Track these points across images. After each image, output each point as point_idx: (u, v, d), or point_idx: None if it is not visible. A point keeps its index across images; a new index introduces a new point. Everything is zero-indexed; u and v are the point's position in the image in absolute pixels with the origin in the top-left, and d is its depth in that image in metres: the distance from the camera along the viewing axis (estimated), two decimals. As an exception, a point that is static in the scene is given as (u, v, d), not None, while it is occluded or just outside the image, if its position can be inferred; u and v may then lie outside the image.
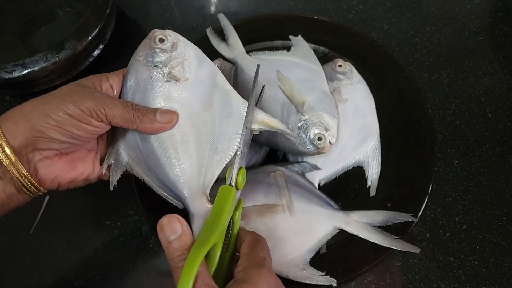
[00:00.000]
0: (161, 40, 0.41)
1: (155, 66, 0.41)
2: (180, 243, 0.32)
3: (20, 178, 0.35)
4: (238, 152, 0.40)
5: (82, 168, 0.40)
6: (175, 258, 0.32)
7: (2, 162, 0.34)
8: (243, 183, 0.40)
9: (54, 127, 0.35)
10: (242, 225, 0.41)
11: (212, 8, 0.69)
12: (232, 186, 0.38)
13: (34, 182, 0.36)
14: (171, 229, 0.32)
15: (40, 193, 0.38)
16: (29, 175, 0.35)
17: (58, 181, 0.38)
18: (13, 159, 0.34)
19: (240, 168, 0.40)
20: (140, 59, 0.42)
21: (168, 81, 0.41)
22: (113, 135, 0.43)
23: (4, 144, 0.33)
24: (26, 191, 0.36)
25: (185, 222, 0.33)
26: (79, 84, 0.38)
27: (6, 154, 0.34)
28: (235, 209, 0.39)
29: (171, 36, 0.42)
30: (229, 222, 0.38)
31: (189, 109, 0.41)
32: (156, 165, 0.41)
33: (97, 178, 0.42)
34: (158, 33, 0.42)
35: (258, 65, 0.47)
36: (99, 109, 0.36)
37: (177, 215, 0.33)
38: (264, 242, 0.36)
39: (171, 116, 0.40)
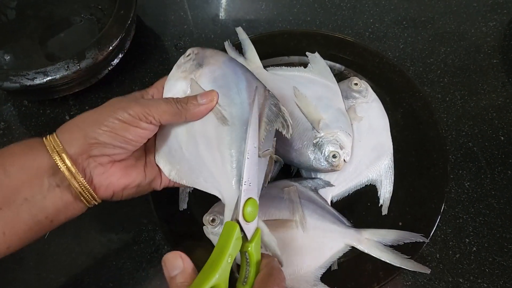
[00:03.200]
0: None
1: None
2: (181, 279, 0.33)
3: (77, 185, 0.36)
4: (244, 184, 0.38)
5: (134, 175, 0.41)
6: None
7: (60, 170, 0.36)
8: (254, 214, 0.37)
9: (107, 132, 0.37)
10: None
11: (230, 21, 0.70)
12: (236, 221, 0.36)
13: (90, 189, 0.37)
14: (173, 265, 0.33)
15: (95, 202, 0.39)
16: (85, 182, 0.37)
17: (112, 188, 0.40)
18: (72, 168, 0.36)
19: (248, 200, 0.37)
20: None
21: None
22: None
23: (63, 154, 0.36)
24: (83, 199, 0.38)
25: (187, 259, 0.34)
26: (124, 96, 0.41)
27: (65, 162, 0.36)
28: (250, 241, 0.36)
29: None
30: (245, 255, 0.36)
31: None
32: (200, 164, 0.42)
33: (148, 185, 0.43)
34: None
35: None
36: (146, 111, 0.38)
37: (180, 252, 0.34)
38: (277, 276, 0.34)
39: (211, 95, 0.41)
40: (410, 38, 0.65)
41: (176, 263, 0.33)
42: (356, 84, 0.55)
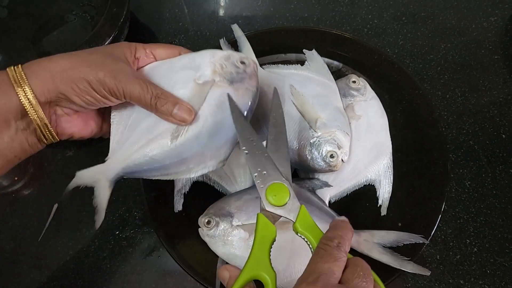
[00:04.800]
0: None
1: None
2: (231, 283, 0.35)
3: (43, 130, 0.38)
4: (255, 176, 0.38)
5: (93, 126, 0.43)
6: None
7: (28, 115, 0.36)
8: (282, 197, 0.38)
9: (77, 94, 0.37)
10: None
11: (226, 18, 0.68)
12: (261, 210, 0.38)
13: (55, 136, 0.39)
14: (222, 277, 0.37)
15: (53, 141, 0.40)
16: (52, 131, 0.39)
17: (73, 135, 0.42)
18: (44, 120, 0.37)
19: (269, 185, 0.38)
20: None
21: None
22: None
23: (32, 99, 0.36)
24: (45, 141, 0.39)
25: (232, 268, 0.37)
26: (111, 54, 0.40)
27: (33, 107, 0.36)
28: (296, 222, 0.37)
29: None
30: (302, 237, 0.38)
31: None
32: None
33: (101, 135, 0.45)
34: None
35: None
36: (118, 89, 0.38)
37: (226, 265, 0.39)
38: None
39: (190, 114, 0.41)
40: (409, 34, 0.63)
41: (224, 275, 0.37)
42: (354, 81, 0.53)
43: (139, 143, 0.42)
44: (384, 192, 0.50)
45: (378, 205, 0.49)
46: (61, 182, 0.55)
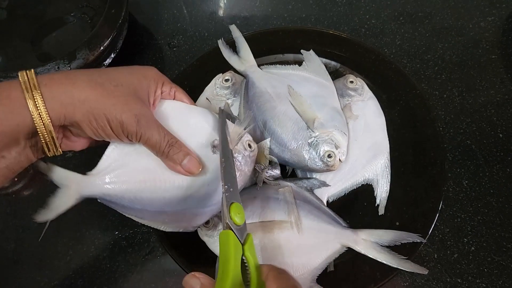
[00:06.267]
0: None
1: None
2: None
3: (50, 147, 0.37)
4: (225, 188, 0.38)
5: (93, 143, 0.43)
6: None
7: (40, 136, 0.35)
8: (242, 217, 0.37)
9: (93, 128, 0.37)
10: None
11: (224, 19, 0.69)
12: (227, 227, 0.36)
13: (60, 150, 0.38)
14: (191, 285, 0.34)
15: (56, 154, 0.39)
16: (60, 151, 0.38)
17: (74, 149, 0.42)
18: (53, 135, 0.36)
19: (231, 204, 0.37)
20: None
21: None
22: None
23: (47, 124, 0.35)
24: (48, 153, 0.38)
25: (203, 275, 0.34)
26: (136, 91, 0.39)
27: (46, 129, 0.35)
28: (244, 244, 0.36)
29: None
30: (243, 259, 0.36)
31: None
32: None
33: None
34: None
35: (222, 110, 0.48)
36: (137, 134, 0.38)
37: (195, 272, 0.35)
38: (287, 273, 0.35)
39: (194, 168, 0.41)
40: (407, 34, 0.64)
41: (193, 282, 0.34)
42: (351, 82, 0.54)
43: (129, 179, 0.42)
44: (382, 192, 0.50)
45: (376, 205, 0.50)
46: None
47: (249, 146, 0.46)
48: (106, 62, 0.58)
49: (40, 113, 0.34)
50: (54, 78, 0.36)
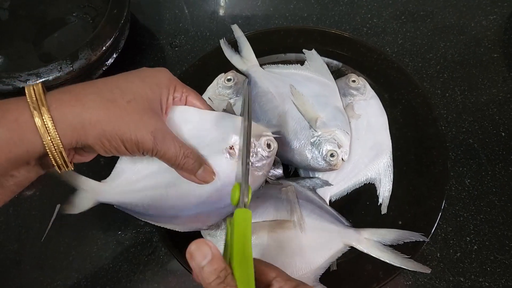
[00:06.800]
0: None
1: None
2: (213, 266, 0.31)
3: (61, 166, 0.35)
4: (248, 166, 0.39)
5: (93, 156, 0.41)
6: (212, 283, 0.30)
7: (52, 160, 0.34)
8: (249, 199, 0.38)
9: (106, 150, 0.35)
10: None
11: (226, 18, 0.69)
12: (247, 207, 0.36)
13: (70, 166, 0.36)
14: (202, 254, 0.31)
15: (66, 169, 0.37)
16: (70, 167, 0.36)
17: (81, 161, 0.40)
18: (64, 158, 0.34)
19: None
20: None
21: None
22: None
23: (59, 151, 0.33)
24: (59, 170, 0.36)
25: (213, 245, 0.32)
26: (150, 104, 0.37)
27: (58, 154, 0.33)
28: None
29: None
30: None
31: None
32: None
33: None
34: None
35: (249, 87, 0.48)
36: (153, 150, 0.37)
37: (204, 239, 0.32)
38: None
39: (209, 177, 0.41)
40: (408, 33, 0.63)
41: (205, 250, 0.31)
42: (354, 81, 0.54)
43: (142, 188, 0.43)
44: (384, 191, 0.50)
45: (379, 204, 0.50)
46: (64, 183, 0.56)
47: (268, 146, 0.44)
48: (108, 62, 0.58)
49: (52, 139, 0.32)
50: (63, 99, 0.34)
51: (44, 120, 0.32)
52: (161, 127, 0.38)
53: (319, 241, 0.46)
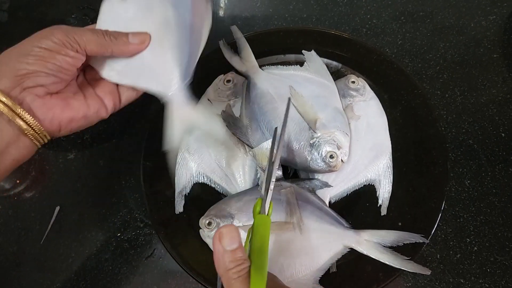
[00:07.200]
0: None
1: None
2: (237, 254, 0.31)
3: (19, 120, 0.34)
4: (271, 186, 0.39)
5: (77, 105, 0.39)
6: (230, 271, 0.31)
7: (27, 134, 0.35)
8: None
9: (36, 61, 0.35)
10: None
11: (225, 19, 0.69)
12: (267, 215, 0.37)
13: (35, 122, 0.35)
14: (232, 238, 0.31)
15: (44, 138, 0.37)
16: (27, 114, 0.35)
17: (58, 121, 0.37)
18: (8, 102, 0.34)
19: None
20: None
21: None
22: None
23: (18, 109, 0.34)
24: (29, 134, 0.36)
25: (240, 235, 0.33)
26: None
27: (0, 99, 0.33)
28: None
29: None
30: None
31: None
32: None
33: (95, 115, 0.41)
34: None
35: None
36: (70, 39, 0.36)
37: (236, 226, 0.32)
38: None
39: (144, 37, 0.40)
40: (408, 34, 0.63)
41: (235, 236, 0.31)
42: (353, 82, 0.54)
43: None
44: (384, 192, 0.50)
45: (378, 205, 0.49)
46: (63, 185, 0.56)
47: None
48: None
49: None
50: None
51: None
52: (66, 26, 0.38)
53: (318, 243, 0.46)
